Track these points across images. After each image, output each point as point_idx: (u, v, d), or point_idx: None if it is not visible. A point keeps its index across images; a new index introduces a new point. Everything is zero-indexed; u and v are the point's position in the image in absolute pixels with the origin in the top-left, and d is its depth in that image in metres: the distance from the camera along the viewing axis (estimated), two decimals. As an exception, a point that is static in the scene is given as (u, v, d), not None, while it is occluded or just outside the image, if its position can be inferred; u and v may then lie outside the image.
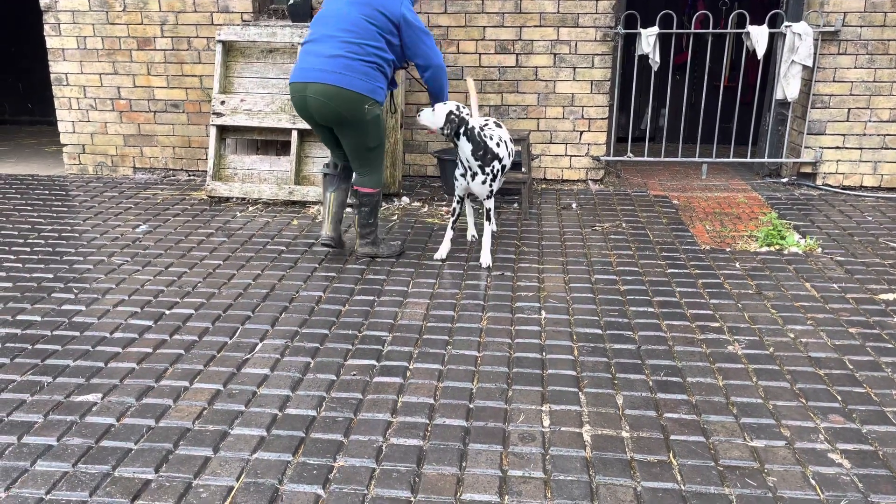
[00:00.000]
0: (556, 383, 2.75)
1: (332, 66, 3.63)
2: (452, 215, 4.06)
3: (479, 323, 3.27)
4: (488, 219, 3.99)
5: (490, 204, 3.97)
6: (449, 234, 4.08)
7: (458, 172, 3.95)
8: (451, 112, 3.74)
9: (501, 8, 5.35)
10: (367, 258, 4.07)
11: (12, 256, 4.13)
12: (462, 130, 3.76)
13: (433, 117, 3.78)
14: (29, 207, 5.13)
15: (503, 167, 3.94)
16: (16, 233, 4.55)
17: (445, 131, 3.74)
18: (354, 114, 3.69)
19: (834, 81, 5.32)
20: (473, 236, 4.36)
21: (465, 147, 3.80)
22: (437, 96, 3.90)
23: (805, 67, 5.25)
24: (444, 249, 4.07)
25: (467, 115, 3.80)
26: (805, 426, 2.47)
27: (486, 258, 3.95)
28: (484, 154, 3.82)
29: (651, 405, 2.60)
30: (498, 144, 3.89)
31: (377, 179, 3.95)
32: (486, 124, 3.99)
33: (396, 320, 3.30)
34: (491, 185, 3.90)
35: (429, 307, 3.44)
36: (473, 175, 3.87)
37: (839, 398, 2.64)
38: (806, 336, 3.13)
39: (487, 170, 3.85)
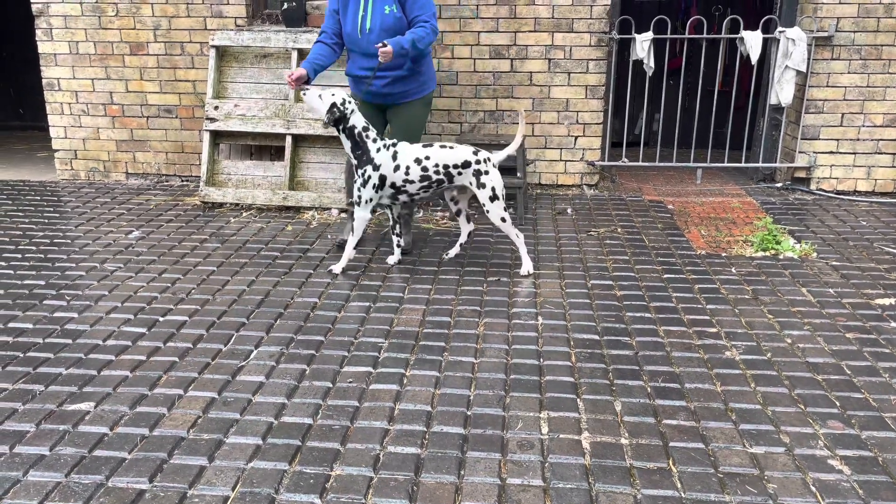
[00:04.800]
0: (554, 390, 2.73)
1: None
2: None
3: (476, 329, 3.25)
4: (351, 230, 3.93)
5: (357, 213, 3.82)
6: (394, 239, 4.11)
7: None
8: (333, 104, 3.70)
9: (496, 13, 5.34)
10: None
11: (3, 263, 4.09)
12: (341, 127, 3.74)
13: (321, 102, 3.72)
14: (20, 213, 5.08)
15: (386, 180, 3.77)
16: (7, 239, 4.51)
17: (325, 119, 3.72)
18: None
19: (827, 86, 5.33)
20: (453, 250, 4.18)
21: (345, 143, 3.80)
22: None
23: (799, 72, 5.26)
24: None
25: (352, 111, 3.73)
26: (804, 432, 2.46)
27: (337, 266, 3.93)
28: (361, 154, 3.77)
29: (650, 412, 2.59)
30: (378, 150, 3.74)
31: None
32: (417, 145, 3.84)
33: (392, 327, 3.28)
34: (360, 190, 3.79)
35: (425, 313, 3.42)
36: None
37: (838, 404, 2.63)
38: (803, 341, 3.12)
39: (360, 171, 3.78)
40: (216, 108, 5.24)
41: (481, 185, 3.75)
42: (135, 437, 2.44)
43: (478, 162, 3.76)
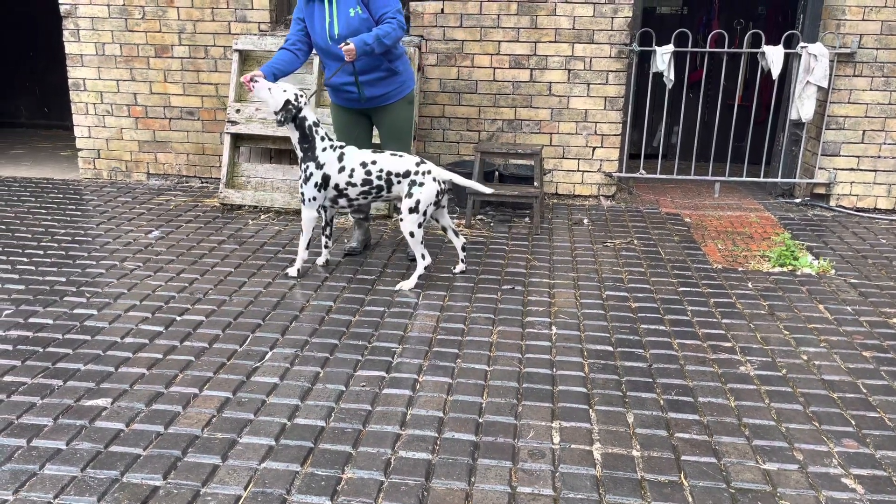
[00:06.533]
0: (566, 400, 2.73)
1: None
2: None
3: (490, 337, 3.26)
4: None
5: (303, 212, 3.85)
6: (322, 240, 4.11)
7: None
8: (288, 101, 3.71)
9: (517, 23, 5.37)
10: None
11: (25, 259, 4.16)
12: (294, 115, 3.74)
13: (270, 96, 3.71)
14: (43, 211, 5.16)
15: (330, 182, 3.79)
16: (29, 236, 4.58)
17: (280, 118, 3.70)
18: None
19: (849, 103, 5.30)
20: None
21: (292, 134, 3.79)
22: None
23: (820, 88, 5.23)
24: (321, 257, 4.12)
25: (304, 103, 3.76)
26: (818, 450, 2.44)
27: (293, 269, 3.96)
28: (307, 148, 3.79)
29: (662, 424, 2.58)
30: (324, 150, 3.78)
31: None
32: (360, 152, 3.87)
33: (406, 332, 3.30)
34: (302, 187, 3.81)
35: (439, 320, 3.43)
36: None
37: (853, 422, 2.61)
38: (819, 358, 3.10)
39: (302, 167, 3.81)
40: (238, 111, 5.30)
41: (409, 195, 3.75)
42: (150, 434, 2.47)
43: (416, 173, 3.76)
